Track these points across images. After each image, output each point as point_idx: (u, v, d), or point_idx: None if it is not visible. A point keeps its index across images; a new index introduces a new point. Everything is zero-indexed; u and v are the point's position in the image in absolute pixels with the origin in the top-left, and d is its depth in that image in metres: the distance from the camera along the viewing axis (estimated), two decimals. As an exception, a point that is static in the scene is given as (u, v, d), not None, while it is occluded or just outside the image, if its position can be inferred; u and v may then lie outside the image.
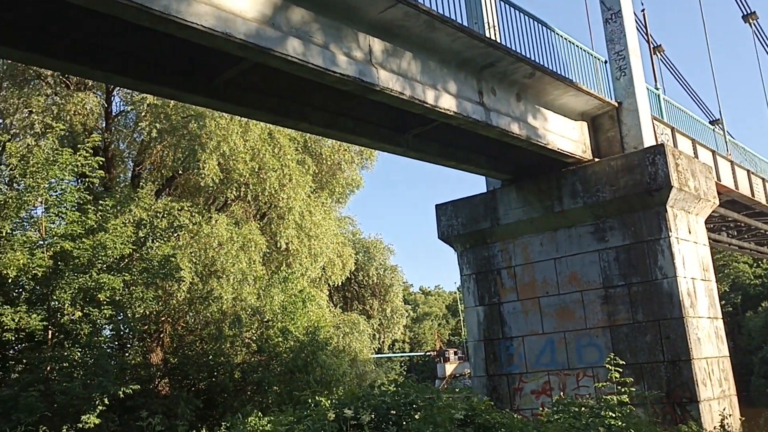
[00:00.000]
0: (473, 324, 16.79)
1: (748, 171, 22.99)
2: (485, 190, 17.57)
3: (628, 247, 14.44)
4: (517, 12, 13.57)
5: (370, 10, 10.29)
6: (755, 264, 79.91)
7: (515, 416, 10.09)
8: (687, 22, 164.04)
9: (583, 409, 9.67)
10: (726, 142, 22.43)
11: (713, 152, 20.40)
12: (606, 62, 16.01)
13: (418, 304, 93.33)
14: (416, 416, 8.48)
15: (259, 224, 24.19)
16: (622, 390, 10.89)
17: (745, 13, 29.81)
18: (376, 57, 10.63)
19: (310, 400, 10.57)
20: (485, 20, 14.18)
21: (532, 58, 13.41)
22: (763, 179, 24.53)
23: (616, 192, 14.53)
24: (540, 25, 14.19)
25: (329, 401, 9.85)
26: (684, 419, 13.21)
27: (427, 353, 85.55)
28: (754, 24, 29.74)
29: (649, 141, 15.28)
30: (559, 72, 14.15)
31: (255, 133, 21.88)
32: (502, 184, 16.82)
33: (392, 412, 8.70)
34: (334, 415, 7.25)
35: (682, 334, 13.55)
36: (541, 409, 14.01)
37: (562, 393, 14.18)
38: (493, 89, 13.16)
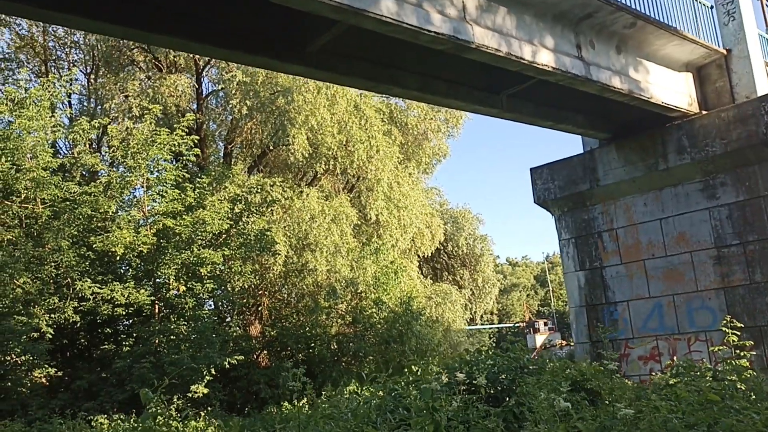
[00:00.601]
0: (574, 289, 16.26)
1: None
2: (581, 151, 16.87)
3: (743, 203, 13.52)
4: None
5: (462, -36, 9.91)
6: None
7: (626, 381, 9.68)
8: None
9: (706, 373, 9.13)
10: None
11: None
12: (712, 7, 14.94)
13: (506, 275, 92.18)
14: (527, 381, 8.24)
15: (348, 197, 24.33)
16: (741, 354, 10.28)
17: None
18: (470, 13, 10.24)
19: (406, 370, 10.49)
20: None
21: (632, 6, 12.64)
22: None
23: (727, 145, 13.61)
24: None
25: (437, 367, 9.74)
26: (811, 384, 12.35)
27: (517, 324, 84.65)
28: None
29: (762, 90, 14.20)
30: (661, 20, 13.30)
31: (342, 106, 21.90)
32: (600, 143, 16.10)
33: (503, 376, 8.51)
34: (446, 379, 7.10)
35: (806, 295, 12.65)
36: (650, 375, 13.45)
37: (673, 359, 13.55)
38: (592, 42, 12.50)
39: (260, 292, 22.17)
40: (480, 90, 12.82)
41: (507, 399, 7.53)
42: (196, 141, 18.99)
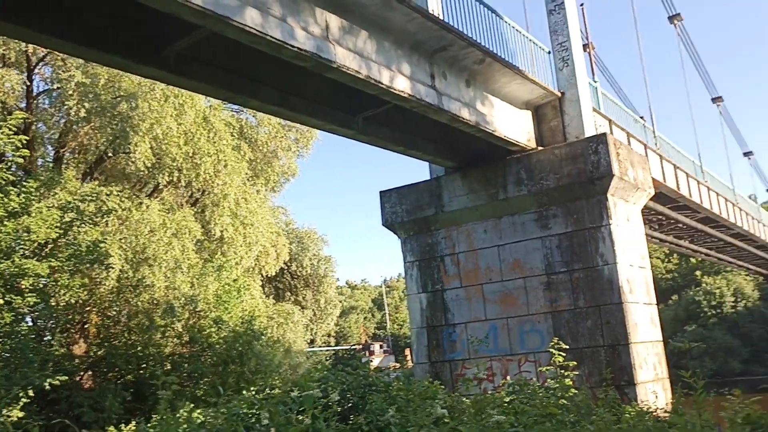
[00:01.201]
0: (416, 311, 16.76)
1: (674, 165, 23.93)
2: (429, 178, 17.53)
3: (571, 234, 14.71)
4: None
5: (327, -16, 10.02)
6: (666, 259, 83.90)
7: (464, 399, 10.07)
8: (613, 21, 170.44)
9: (537, 390, 9.72)
10: (655, 136, 23.28)
11: (644, 145, 21.11)
12: (550, 53, 16.24)
13: (345, 297, 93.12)
14: (374, 398, 8.32)
15: (192, 211, 23.43)
16: (565, 374, 11.05)
17: (671, 14, 31.05)
18: (333, 33, 10.35)
19: (245, 392, 10.21)
20: (429, 2, 13.94)
21: (482, 44, 13.42)
22: (686, 173, 25.61)
23: (559, 180, 14.77)
24: (488, 11, 14.20)
25: (279, 388, 9.54)
26: (623, 401, 13.55)
27: (353, 347, 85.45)
28: (678, 25, 31.03)
29: (589, 131, 15.62)
30: (507, 60, 14.23)
31: (190, 117, 21.13)
32: (446, 171, 16.84)
33: (349, 394, 8.52)
34: (297, 392, 6.98)
35: (621, 320, 13.92)
36: (484, 394, 14.09)
37: (506, 378, 14.31)
38: (445, 73, 13.11)
39: (88, 308, 20.61)
40: (338, 110, 12.95)
41: (356, 415, 7.54)
42: (24, 142, 17.42)
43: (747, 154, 49.49)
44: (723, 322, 72.81)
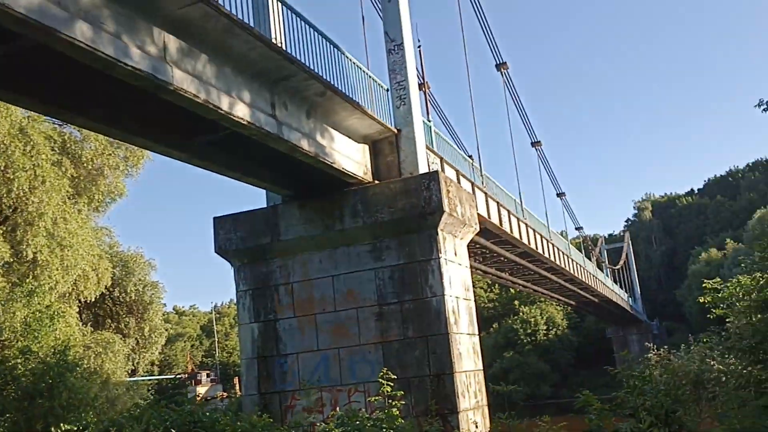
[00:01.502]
0: (247, 341, 16.39)
1: (498, 203, 25.62)
2: (265, 206, 17.35)
3: (403, 266, 15.19)
4: (307, 27, 13.43)
5: (167, 4, 9.70)
6: (489, 289, 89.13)
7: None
8: (448, 63, 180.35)
9: (366, 421, 9.85)
10: (482, 175, 24.79)
11: (472, 183, 22.40)
12: (388, 90, 16.82)
13: (172, 324, 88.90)
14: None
15: (1, 230, 21.35)
16: (392, 403, 11.31)
17: (498, 62, 33.45)
18: (171, 55, 10.02)
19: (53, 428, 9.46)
20: (272, 32, 13.92)
21: (324, 77, 13.61)
22: (509, 211, 27.50)
23: (394, 213, 15.25)
24: (331, 45, 14.45)
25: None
26: (447, 430, 14.09)
27: (179, 376, 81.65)
28: (504, 73, 33.49)
29: (423, 168, 16.31)
30: (347, 94, 14.54)
31: (4, 127, 19.39)
32: (284, 200, 16.78)
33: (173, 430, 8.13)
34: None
35: (447, 350, 14.53)
36: (313, 426, 14.02)
37: (335, 409, 14.34)
38: (286, 103, 13.12)
39: None
40: (173, 133, 12.46)
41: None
42: None
43: (560, 194, 54.07)
44: (537, 348, 78.57)
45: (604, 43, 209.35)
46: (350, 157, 15.38)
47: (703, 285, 14.66)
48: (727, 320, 14.03)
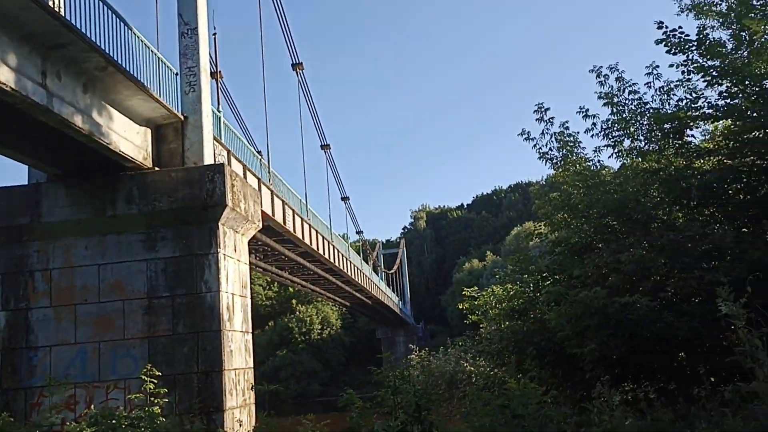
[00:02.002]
0: (-9, 331, 14.66)
1: (283, 201, 25.68)
2: (27, 183, 15.71)
3: (178, 259, 14.59)
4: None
5: None
6: (267, 287, 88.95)
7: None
8: (245, 55, 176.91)
9: (122, 420, 9.31)
10: (269, 172, 24.69)
11: (259, 180, 22.22)
12: (177, 75, 16.10)
13: None
14: None
15: None
16: (154, 401, 10.84)
17: (294, 62, 33.59)
18: None
19: None
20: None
21: (107, 51, 12.67)
22: (293, 210, 27.69)
23: (173, 203, 14.60)
24: (117, 18, 13.49)
25: None
26: (210, 428, 13.77)
27: None
28: (300, 74, 33.72)
29: (208, 159, 15.84)
30: (132, 72, 13.67)
31: None
32: (49, 178, 15.31)
33: None
34: None
35: (218, 347, 14.22)
36: (62, 424, 12.94)
37: (90, 407, 13.37)
38: (59, 74, 12.00)
39: None
40: None
41: None
42: None
43: (344, 199, 55.64)
44: (310, 347, 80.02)
45: (402, 57, 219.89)
46: (130, 139, 14.46)
47: (463, 292, 16.00)
48: (481, 326, 15.45)
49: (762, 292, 7.51)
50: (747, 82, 10.02)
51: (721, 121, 11.51)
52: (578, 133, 13.00)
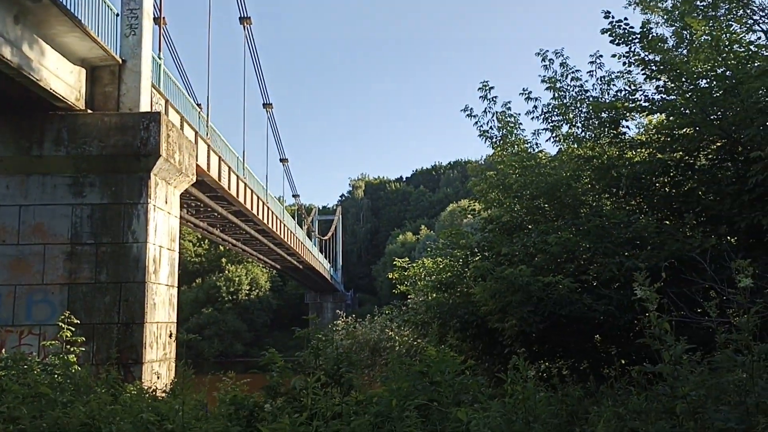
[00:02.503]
0: None
1: (220, 157, 25.17)
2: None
3: (106, 206, 14.17)
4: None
5: None
6: (198, 244, 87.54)
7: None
8: (192, 8, 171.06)
9: (35, 366, 9.06)
10: (207, 126, 24.11)
11: (196, 133, 21.69)
12: (118, 16, 15.45)
13: None
14: None
15: None
16: (71, 349, 10.59)
17: (242, 15, 32.72)
18: None
19: None
20: None
21: (42, -18, 12.04)
22: (230, 167, 27.20)
23: (104, 149, 14.12)
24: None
25: None
26: (127, 380, 13.55)
27: None
28: (247, 28, 32.87)
29: (145, 106, 15.34)
30: (68, 7, 13.03)
31: None
32: (-29, 111, 14.52)
33: None
34: None
35: (141, 299, 13.95)
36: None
37: (1, 352, 12.92)
38: (-11, 1, 11.34)
39: None
40: None
41: None
42: None
43: (283, 160, 54.98)
44: (236, 307, 79.47)
45: (351, 20, 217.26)
46: (62, 78, 13.84)
47: (394, 263, 16.15)
48: (409, 296, 15.67)
49: (676, 281, 7.88)
50: (684, 79, 10.34)
51: (655, 115, 11.87)
52: (519, 114, 13.20)
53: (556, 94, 12.49)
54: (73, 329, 10.63)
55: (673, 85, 10.71)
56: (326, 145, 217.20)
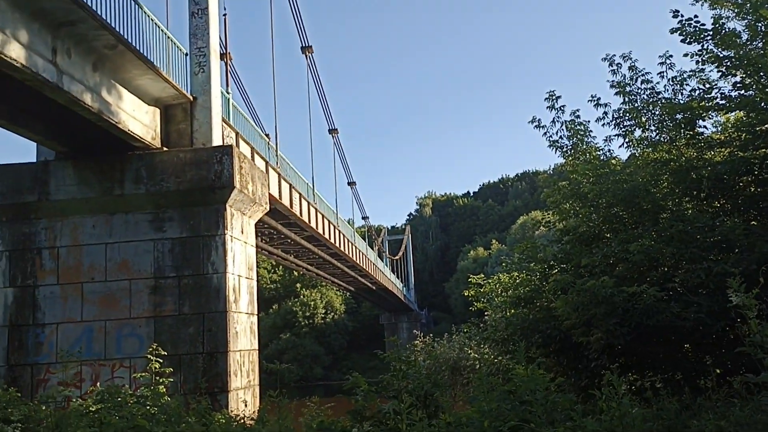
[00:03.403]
0: (-1, 307, 14.75)
1: (290, 185, 25.65)
2: (35, 160, 15.72)
3: (185, 240, 14.63)
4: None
5: None
6: (273, 270, 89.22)
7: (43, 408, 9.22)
8: (254, 37, 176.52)
9: (128, 398, 9.36)
10: (277, 155, 24.65)
11: (266, 162, 22.19)
12: (187, 55, 16.05)
13: None
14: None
15: None
16: (159, 380, 10.90)
17: (304, 45, 33.44)
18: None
19: None
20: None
21: (116, 28, 12.62)
22: (300, 194, 27.67)
23: (181, 184, 14.61)
24: (128, -4, 13.43)
25: None
26: (214, 408, 13.84)
27: None
28: (309, 57, 33.57)
29: (217, 140, 15.82)
30: (141, 51, 13.62)
31: None
32: (57, 156, 15.32)
33: None
34: None
35: (223, 328, 14.28)
36: (67, 401, 13.04)
37: (96, 385, 13.45)
38: (69, 51, 11.97)
39: None
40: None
41: None
42: None
43: (351, 183, 55.65)
44: (313, 331, 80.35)
45: (410, 43, 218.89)
46: (138, 119, 14.45)
47: (469, 279, 15.97)
48: (486, 313, 15.45)
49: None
50: (761, 74, 9.90)
51: (733, 113, 11.39)
52: (589, 122, 12.90)
53: (627, 99, 12.15)
54: (161, 361, 10.96)
55: (750, 80, 10.26)
56: (392, 166, 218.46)
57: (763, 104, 9.87)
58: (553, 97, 12.82)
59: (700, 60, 10.67)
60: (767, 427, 4.64)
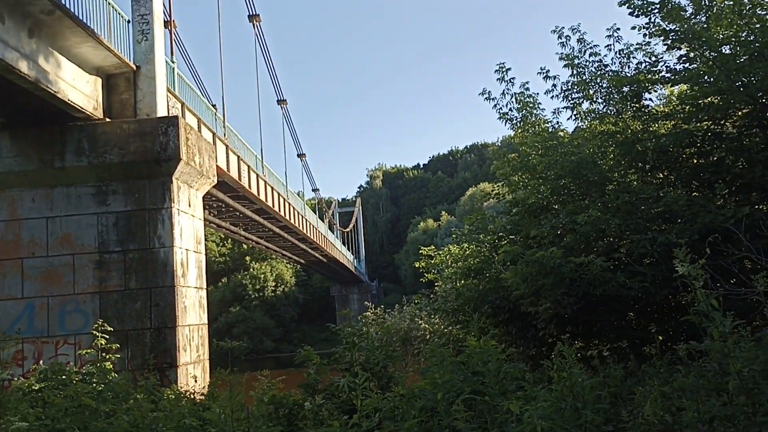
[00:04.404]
0: (-69, 286, 14.14)
1: (238, 156, 25.21)
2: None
3: (130, 213, 14.25)
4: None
5: None
6: (221, 243, 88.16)
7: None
8: (199, 4, 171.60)
9: (73, 376, 9.12)
10: (224, 126, 24.15)
11: (214, 134, 21.72)
12: (129, 22, 15.48)
13: None
14: None
15: None
16: (106, 357, 10.67)
17: (251, 13, 32.67)
18: None
19: None
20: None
21: (54, -6, 12.06)
22: (249, 166, 27.25)
23: (124, 156, 14.18)
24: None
25: None
26: (163, 384, 13.65)
27: None
28: (257, 26, 32.83)
29: (162, 111, 15.38)
30: (81, 18, 13.06)
31: None
32: (-8, 127, 14.65)
33: None
34: None
35: (171, 303, 14.03)
36: (10, 380, 12.65)
37: (39, 363, 13.08)
38: (2, 16, 11.38)
39: None
40: None
41: None
42: None
43: (300, 155, 55.08)
44: (263, 304, 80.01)
45: (362, 15, 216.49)
46: (79, 88, 13.90)
47: (419, 251, 16.06)
48: (436, 284, 15.59)
49: (711, 253, 7.71)
50: (705, 47, 10.10)
51: (678, 86, 11.62)
52: (538, 94, 12.99)
53: (575, 71, 12.24)
54: (107, 337, 10.71)
55: (694, 54, 10.46)
56: (342, 138, 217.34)
57: (706, 77, 10.07)
58: (503, 70, 12.83)
59: (647, 33, 10.81)
60: (709, 392, 4.79)
